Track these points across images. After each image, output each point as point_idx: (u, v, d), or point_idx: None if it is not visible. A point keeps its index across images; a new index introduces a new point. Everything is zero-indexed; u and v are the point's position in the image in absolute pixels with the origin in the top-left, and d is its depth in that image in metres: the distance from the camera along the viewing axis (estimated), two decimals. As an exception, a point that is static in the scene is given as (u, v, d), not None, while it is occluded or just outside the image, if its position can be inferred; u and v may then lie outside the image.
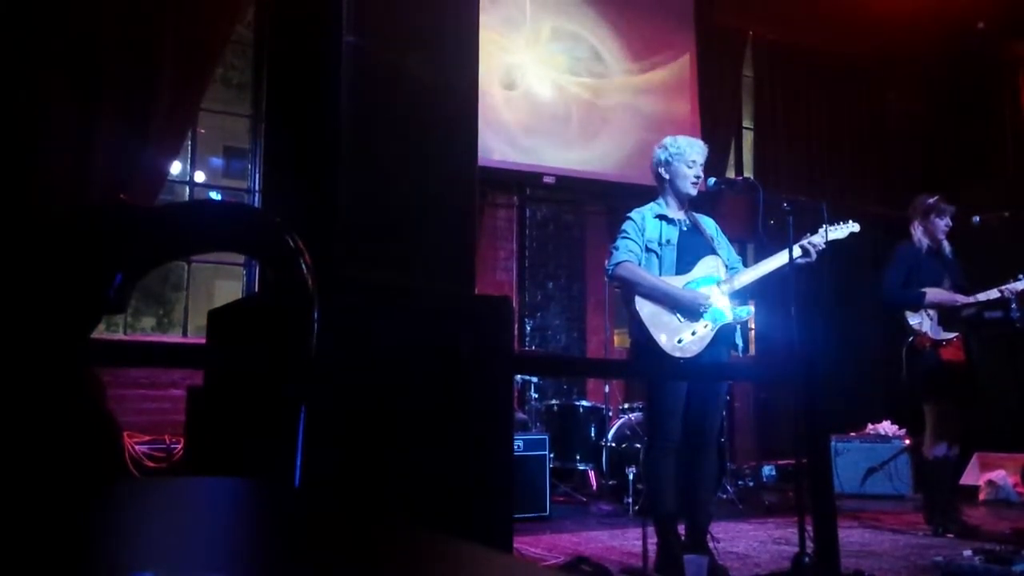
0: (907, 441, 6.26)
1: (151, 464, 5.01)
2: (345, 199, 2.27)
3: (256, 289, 5.50)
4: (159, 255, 1.02)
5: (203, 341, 3.96)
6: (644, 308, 3.51)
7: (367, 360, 1.87)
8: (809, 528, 2.80)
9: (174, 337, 6.84)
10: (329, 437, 1.69)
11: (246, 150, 6.69)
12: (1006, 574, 3.29)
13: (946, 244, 4.73)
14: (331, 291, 1.95)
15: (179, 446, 5.05)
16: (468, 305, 2.33)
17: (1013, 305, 4.37)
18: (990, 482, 6.07)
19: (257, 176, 6.26)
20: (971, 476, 6.38)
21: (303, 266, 0.88)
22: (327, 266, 2.19)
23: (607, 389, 6.01)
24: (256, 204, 5.92)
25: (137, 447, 5.03)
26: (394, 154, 2.38)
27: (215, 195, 7.35)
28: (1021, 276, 4.51)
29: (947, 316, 4.57)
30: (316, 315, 0.91)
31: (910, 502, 5.87)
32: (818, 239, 3.62)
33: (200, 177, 6.91)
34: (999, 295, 4.47)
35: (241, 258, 5.92)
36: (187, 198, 6.45)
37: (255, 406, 1.49)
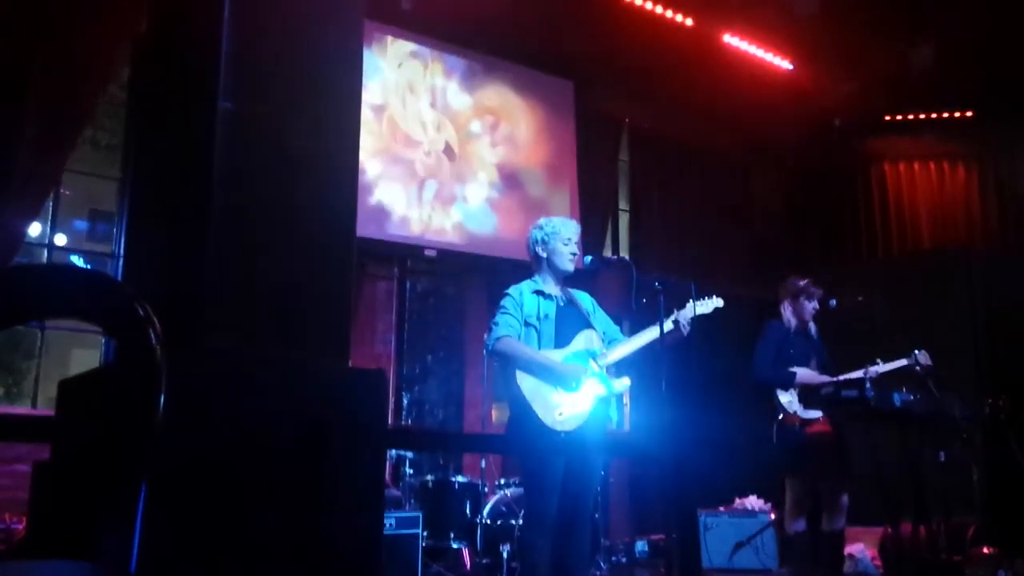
0: (772, 515, 6.42)
1: (-13, 547, 4.60)
2: (213, 266, 2.19)
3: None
4: (-6, 320, 0.95)
5: (52, 413, 3.70)
6: (524, 382, 3.52)
7: (227, 434, 1.78)
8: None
9: (22, 408, 6.38)
10: (178, 517, 1.59)
11: (112, 214, 6.41)
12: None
13: (812, 326, 4.95)
14: (193, 361, 1.86)
15: (21, 526, 4.67)
16: (340, 377, 2.27)
17: (868, 385, 4.59)
18: (850, 556, 6.27)
19: (123, 241, 6.00)
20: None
21: (151, 335, 0.83)
22: (191, 336, 2.09)
23: (483, 464, 5.93)
24: (120, 269, 5.66)
25: (-28, 529, 4.63)
26: (268, 221, 2.33)
27: (77, 259, 6.99)
28: (879, 361, 4.75)
29: (809, 395, 4.76)
30: (164, 387, 0.86)
31: (776, 576, 6.00)
32: (686, 314, 3.74)
33: (62, 240, 6.56)
34: (863, 375, 4.66)
35: (102, 325, 5.59)
36: (45, 261, 6.10)
37: (99, 484, 1.39)
